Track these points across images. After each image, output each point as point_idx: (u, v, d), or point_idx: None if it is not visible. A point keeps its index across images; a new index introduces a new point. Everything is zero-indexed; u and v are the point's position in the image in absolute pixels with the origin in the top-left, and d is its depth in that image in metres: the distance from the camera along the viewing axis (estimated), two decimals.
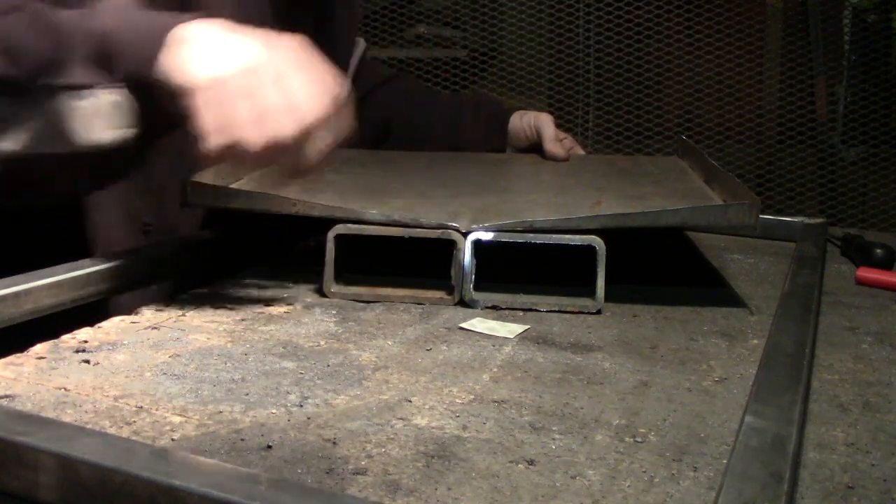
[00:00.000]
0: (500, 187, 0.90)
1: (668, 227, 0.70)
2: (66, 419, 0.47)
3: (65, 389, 0.51)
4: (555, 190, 0.89)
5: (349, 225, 0.70)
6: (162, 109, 0.63)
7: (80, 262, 0.68)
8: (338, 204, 0.71)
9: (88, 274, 0.67)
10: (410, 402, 0.51)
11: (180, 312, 0.66)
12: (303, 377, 0.54)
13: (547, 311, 0.69)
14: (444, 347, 0.61)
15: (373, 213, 0.70)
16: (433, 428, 0.47)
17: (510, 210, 0.76)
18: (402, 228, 0.70)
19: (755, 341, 0.63)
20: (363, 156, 1.04)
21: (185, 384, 0.53)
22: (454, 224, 0.69)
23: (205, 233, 0.86)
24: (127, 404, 0.49)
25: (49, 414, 0.47)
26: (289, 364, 0.56)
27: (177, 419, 0.48)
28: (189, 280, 0.75)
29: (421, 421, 0.48)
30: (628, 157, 1.32)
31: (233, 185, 0.78)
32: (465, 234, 0.69)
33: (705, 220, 0.71)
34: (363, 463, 0.43)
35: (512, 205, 0.79)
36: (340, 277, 0.72)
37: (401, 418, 0.49)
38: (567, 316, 0.68)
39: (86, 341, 0.59)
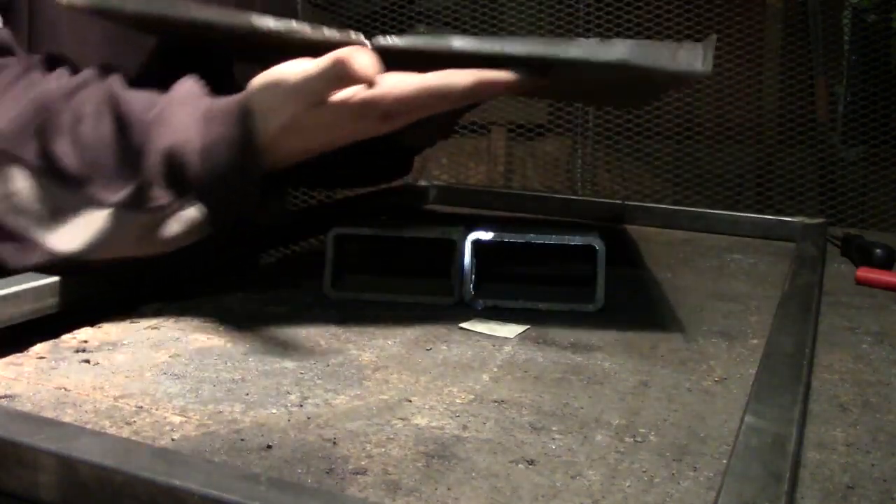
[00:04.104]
0: None
1: (608, 67, 0.58)
2: (66, 419, 0.47)
3: (65, 389, 0.51)
4: None
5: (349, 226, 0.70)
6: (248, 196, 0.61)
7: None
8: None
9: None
10: (410, 402, 0.51)
11: (180, 312, 0.66)
12: (303, 377, 0.54)
13: (547, 311, 0.69)
14: (444, 347, 0.61)
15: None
16: (433, 428, 0.47)
17: None
18: (402, 229, 0.70)
19: (755, 341, 0.63)
20: None
21: (185, 384, 0.53)
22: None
23: None
24: (127, 404, 0.49)
25: (49, 414, 0.47)
26: (289, 364, 0.56)
27: (177, 419, 0.48)
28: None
29: (421, 421, 0.48)
30: None
31: None
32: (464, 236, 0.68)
33: (650, 59, 0.57)
34: (363, 463, 0.43)
35: None
36: (340, 277, 0.72)
37: (401, 418, 0.49)
38: (567, 316, 0.68)
39: (86, 341, 0.59)
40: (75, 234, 0.61)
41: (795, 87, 1.78)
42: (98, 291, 0.66)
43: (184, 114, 0.60)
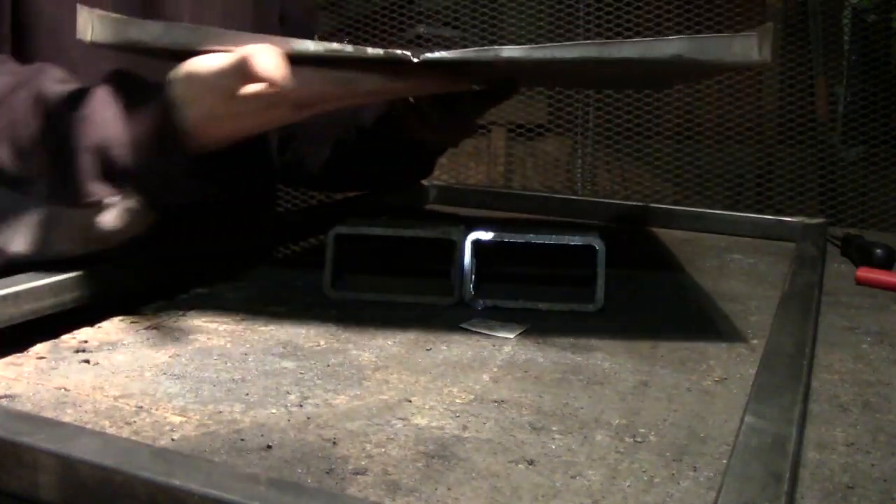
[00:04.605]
0: None
1: (661, 63, 0.58)
2: (66, 419, 0.47)
3: (65, 389, 0.51)
4: None
5: (349, 225, 0.70)
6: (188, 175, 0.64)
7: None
8: None
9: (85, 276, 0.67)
10: (410, 402, 0.51)
11: (180, 312, 0.66)
12: (303, 377, 0.54)
13: (547, 311, 0.69)
14: (444, 347, 0.61)
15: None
16: (433, 428, 0.47)
17: None
18: (402, 229, 0.70)
19: (755, 341, 0.63)
20: None
21: (185, 384, 0.53)
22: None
23: None
24: (127, 404, 0.49)
25: (49, 414, 0.47)
26: (289, 364, 0.56)
27: (177, 419, 0.48)
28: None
29: (421, 421, 0.48)
30: None
31: None
32: (464, 235, 0.69)
33: (706, 52, 0.58)
34: (363, 463, 0.43)
35: None
36: (340, 277, 0.72)
37: (401, 418, 0.49)
38: (567, 316, 0.68)
39: (86, 341, 0.59)
40: (23, 234, 0.64)
41: (795, 87, 1.78)
42: (99, 291, 0.66)
43: (109, 111, 0.62)
